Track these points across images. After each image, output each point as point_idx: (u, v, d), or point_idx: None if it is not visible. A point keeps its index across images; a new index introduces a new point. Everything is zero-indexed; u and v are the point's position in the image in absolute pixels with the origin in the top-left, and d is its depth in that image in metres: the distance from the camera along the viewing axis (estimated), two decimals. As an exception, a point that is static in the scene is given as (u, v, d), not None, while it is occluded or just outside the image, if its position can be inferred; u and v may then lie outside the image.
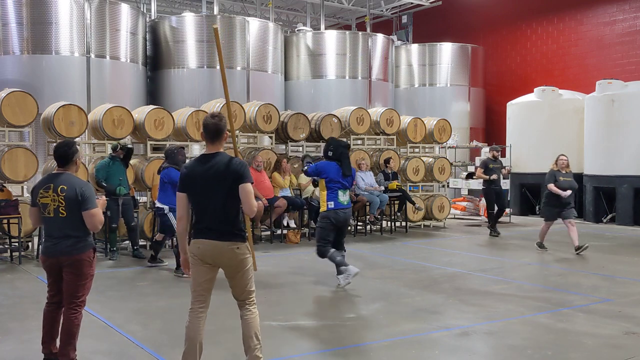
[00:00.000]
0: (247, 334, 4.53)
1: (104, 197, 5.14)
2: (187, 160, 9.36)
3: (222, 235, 4.37)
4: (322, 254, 7.87)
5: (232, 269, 4.50)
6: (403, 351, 5.43)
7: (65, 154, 4.80)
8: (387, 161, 13.50)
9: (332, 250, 7.85)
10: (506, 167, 13.33)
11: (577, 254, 10.37)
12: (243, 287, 4.59)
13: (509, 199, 16.65)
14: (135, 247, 10.19)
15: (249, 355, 4.50)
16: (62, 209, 4.66)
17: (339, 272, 7.73)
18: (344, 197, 7.81)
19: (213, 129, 4.49)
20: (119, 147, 10.10)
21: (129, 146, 10.36)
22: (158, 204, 8.92)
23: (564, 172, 10.83)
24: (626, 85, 15.36)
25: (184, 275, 8.49)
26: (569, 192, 10.50)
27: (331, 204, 7.76)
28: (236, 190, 4.34)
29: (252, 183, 4.42)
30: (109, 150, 11.34)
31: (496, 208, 13.32)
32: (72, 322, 4.74)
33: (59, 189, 4.67)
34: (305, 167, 8.51)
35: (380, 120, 14.03)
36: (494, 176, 12.92)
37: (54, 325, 4.90)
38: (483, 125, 21.73)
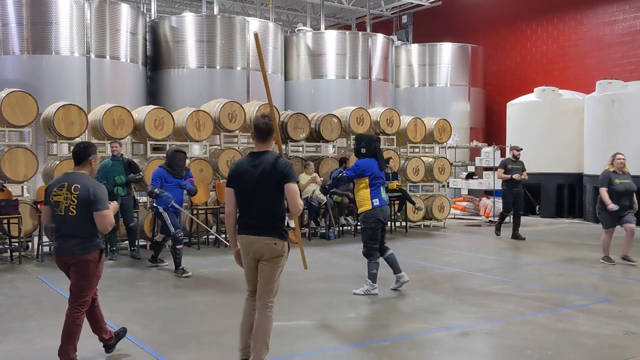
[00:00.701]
0: (256, 333, 4.59)
1: (115, 202, 5.21)
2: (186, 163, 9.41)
3: (262, 231, 4.55)
4: (370, 255, 7.55)
5: (265, 265, 4.60)
6: (403, 351, 5.43)
7: (80, 152, 4.90)
8: (387, 161, 13.48)
9: (379, 257, 7.61)
10: (523, 176, 12.41)
11: (622, 260, 9.60)
12: (265, 283, 4.60)
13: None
14: (133, 248, 10.20)
15: (252, 356, 4.57)
16: (72, 208, 4.73)
17: (369, 277, 7.57)
18: (384, 192, 7.62)
19: (264, 129, 4.66)
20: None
21: (138, 177, 10.20)
22: (154, 203, 8.97)
23: (620, 173, 9.49)
24: (626, 85, 15.36)
25: (184, 275, 8.51)
26: (615, 207, 9.24)
27: (376, 201, 7.43)
28: (280, 188, 4.52)
29: (298, 182, 4.58)
30: (109, 151, 11.35)
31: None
32: (74, 322, 4.79)
33: (73, 187, 4.75)
34: (342, 174, 7.89)
35: (380, 120, 14.03)
36: (517, 175, 12.23)
37: (95, 323, 5.10)
38: (483, 125, 21.73)
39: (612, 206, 9.20)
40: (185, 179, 9.13)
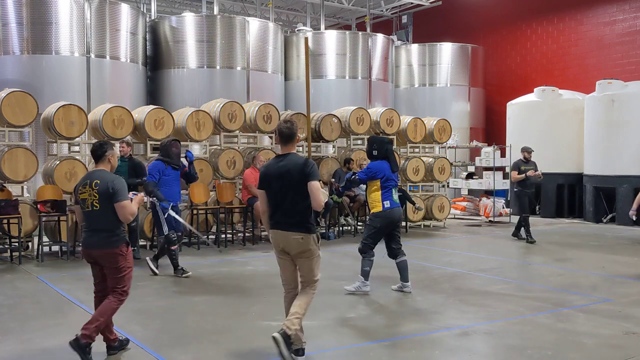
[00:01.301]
0: (296, 303, 5.01)
1: (141, 194, 5.40)
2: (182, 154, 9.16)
3: (290, 226, 5.00)
4: (364, 252, 7.61)
5: (296, 256, 5.07)
6: (403, 351, 5.43)
7: (97, 150, 5.19)
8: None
9: (373, 256, 7.66)
10: (537, 174, 12.07)
11: None
12: (306, 274, 5.09)
13: (508, 199, 16.66)
14: (133, 248, 10.17)
15: (287, 321, 4.92)
16: (95, 202, 5.00)
17: (361, 274, 7.62)
18: (396, 195, 7.64)
19: (287, 134, 5.11)
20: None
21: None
22: (150, 199, 8.64)
23: None
24: (626, 85, 15.36)
25: (184, 276, 8.50)
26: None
27: (387, 204, 7.47)
28: (304, 186, 4.95)
29: (319, 180, 5.09)
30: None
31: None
32: (109, 305, 5.04)
33: (93, 183, 5.02)
34: (354, 176, 7.80)
35: (380, 120, 14.03)
36: (530, 172, 11.89)
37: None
38: (483, 125, 21.73)
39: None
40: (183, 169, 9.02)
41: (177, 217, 8.65)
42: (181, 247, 11.14)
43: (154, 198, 8.55)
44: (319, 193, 4.96)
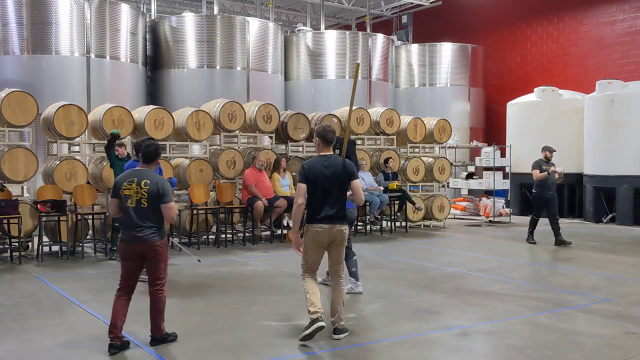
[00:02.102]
0: (337, 301, 5.74)
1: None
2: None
3: (338, 220, 5.66)
4: (346, 255, 7.60)
5: (336, 245, 5.72)
6: (403, 351, 5.43)
7: (152, 154, 5.54)
8: (386, 161, 13.51)
9: (355, 255, 7.64)
10: (558, 170, 11.77)
11: None
12: (338, 261, 5.79)
13: (508, 198, 16.66)
14: None
15: (335, 317, 5.71)
16: (144, 201, 5.35)
17: (351, 275, 7.58)
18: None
19: (332, 138, 5.82)
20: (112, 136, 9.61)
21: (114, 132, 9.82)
22: None
23: None
24: (626, 85, 15.35)
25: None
26: None
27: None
28: (347, 185, 5.71)
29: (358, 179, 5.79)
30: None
31: (529, 217, 12.03)
32: (159, 300, 5.50)
33: (143, 182, 5.35)
34: None
35: (380, 120, 14.03)
36: (553, 169, 11.59)
37: (125, 311, 5.49)
38: (483, 125, 21.73)
39: None
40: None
41: None
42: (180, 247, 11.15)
43: None
44: (361, 190, 5.81)
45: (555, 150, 12.15)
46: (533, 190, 12.04)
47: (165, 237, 5.50)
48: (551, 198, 11.82)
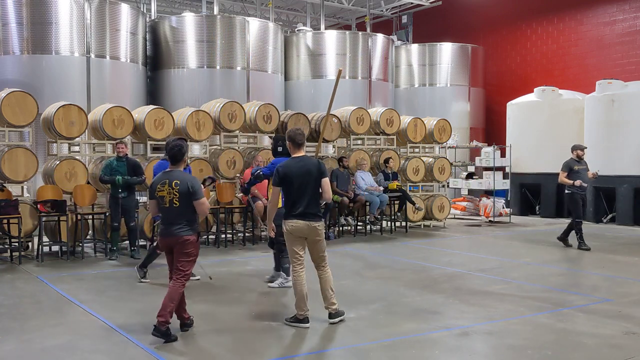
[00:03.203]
0: (324, 287, 6.15)
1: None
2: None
3: (312, 217, 6.02)
4: (281, 252, 7.86)
5: (313, 241, 6.10)
6: (403, 351, 5.43)
7: (177, 155, 5.88)
8: (386, 161, 13.50)
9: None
10: (593, 172, 11.28)
11: None
12: (319, 253, 6.17)
13: (508, 199, 16.66)
14: (133, 248, 10.19)
15: (327, 302, 6.14)
16: (175, 200, 5.71)
17: (282, 271, 7.92)
18: None
19: (301, 140, 6.15)
20: None
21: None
22: None
23: None
24: (626, 85, 15.35)
25: (142, 278, 8.17)
26: None
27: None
28: (319, 183, 6.05)
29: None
30: (109, 151, 11.35)
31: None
32: (176, 292, 5.71)
33: (173, 183, 5.72)
34: (259, 171, 8.05)
35: (380, 120, 14.03)
36: (578, 182, 10.98)
37: (183, 298, 5.86)
38: (483, 125, 21.73)
39: None
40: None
41: None
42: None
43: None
44: (329, 188, 6.18)
45: (586, 148, 11.64)
46: (566, 191, 11.42)
47: (196, 233, 5.81)
48: (585, 198, 11.26)
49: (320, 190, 6.11)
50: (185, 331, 5.88)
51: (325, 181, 6.11)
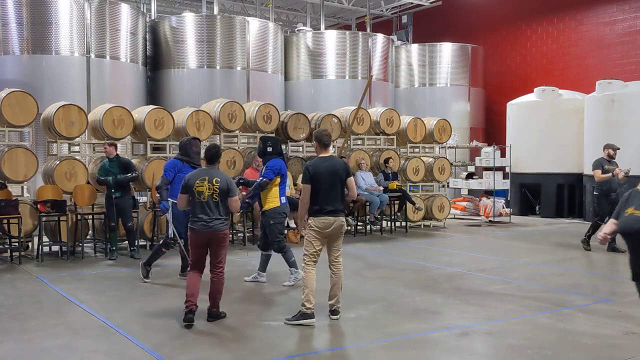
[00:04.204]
0: (336, 286, 6.37)
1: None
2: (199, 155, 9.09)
3: (340, 214, 6.31)
4: (283, 247, 8.01)
5: (338, 234, 6.37)
6: (403, 351, 5.43)
7: (214, 156, 6.40)
8: (386, 161, 13.50)
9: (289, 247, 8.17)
10: (625, 170, 10.79)
11: None
12: (339, 246, 6.45)
13: (508, 198, 16.66)
14: (132, 248, 10.18)
15: (334, 299, 6.35)
16: (215, 196, 6.19)
17: (293, 267, 7.98)
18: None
19: (328, 140, 6.45)
20: None
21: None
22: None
23: None
24: (626, 85, 15.35)
25: (145, 278, 8.19)
26: None
27: (283, 199, 8.04)
28: (344, 182, 6.38)
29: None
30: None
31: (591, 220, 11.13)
32: (220, 281, 6.32)
33: (214, 180, 6.20)
34: (263, 179, 7.88)
35: (380, 120, 14.03)
36: (618, 170, 10.66)
37: (197, 286, 6.27)
38: (483, 125, 21.73)
39: None
40: None
41: (169, 220, 8.22)
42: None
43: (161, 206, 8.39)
44: (355, 187, 6.68)
45: (619, 148, 11.35)
46: (595, 192, 11.11)
47: (228, 226, 6.37)
48: (616, 200, 10.56)
49: (346, 190, 6.44)
50: (211, 321, 6.29)
51: (351, 180, 6.47)
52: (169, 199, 8.23)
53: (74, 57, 14.14)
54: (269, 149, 8.08)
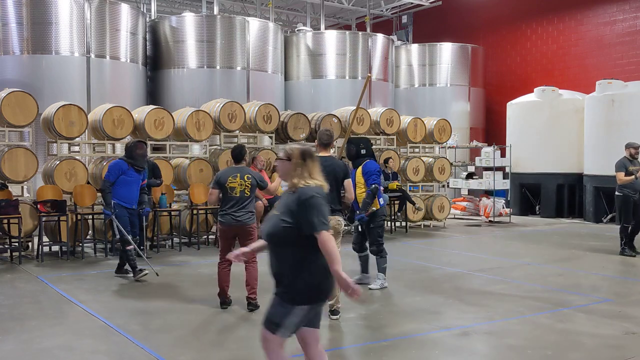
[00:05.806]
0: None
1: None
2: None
3: (338, 213, 6.28)
4: (380, 251, 7.80)
5: (336, 236, 6.03)
6: (403, 351, 5.43)
7: (239, 155, 6.90)
8: (386, 161, 13.50)
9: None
10: None
11: None
12: (339, 247, 6.06)
13: (508, 198, 16.66)
14: (141, 248, 10.16)
15: (334, 300, 6.22)
16: (247, 191, 6.66)
17: (382, 273, 7.82)
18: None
19: (329, 141, 6.47)
20: None
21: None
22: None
23: None
24: (626, 85, 15.35)
25: (141, 275, 8.21)
26: None
27: (382, 200, 7.81)
28: (342, 183, 6.40)
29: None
30: (109, 151, 11.34)
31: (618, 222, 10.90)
32: (255, 270, 6.65)
33: (246, 176, 6.68)
34: (375, 185, 7.63)
35: (380, 120, 14.03)
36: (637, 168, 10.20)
37: (228, 279, 6.74)
38: (483, 125, 21.73)
39: None
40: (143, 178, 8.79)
41: (119, 227, 8.18)
42: (181, 247, 11.15)
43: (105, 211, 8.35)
44: (352, 189, 6.66)
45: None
46: (617, 193, 10.48)
47: (254, 221, 6.75)
48: (638, 201, 10.30)
49: (343, 191, 6.44)
50: (251, 309, 6.62)
51: (349, 182, 6.46)
52: (112, 200, 8.17)
53: (74, 57, 14.14)
54: (363, 151, 7.76)
